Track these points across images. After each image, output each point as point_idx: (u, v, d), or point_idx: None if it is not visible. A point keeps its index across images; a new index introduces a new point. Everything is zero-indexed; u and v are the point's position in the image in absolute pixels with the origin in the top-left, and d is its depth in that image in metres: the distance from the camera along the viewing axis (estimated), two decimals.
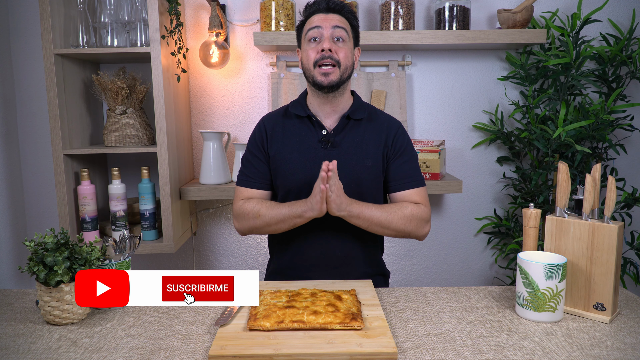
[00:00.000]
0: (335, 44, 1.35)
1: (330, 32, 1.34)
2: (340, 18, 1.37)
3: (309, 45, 1.36)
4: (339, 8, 1.37)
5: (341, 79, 1.35)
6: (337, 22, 1.35)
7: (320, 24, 1.35)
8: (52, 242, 1.10)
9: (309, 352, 0.94)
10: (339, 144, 1.38)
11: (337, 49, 1.34)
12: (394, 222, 1.34)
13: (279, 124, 1.44)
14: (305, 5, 1.41)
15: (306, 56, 1.37)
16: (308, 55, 1.36)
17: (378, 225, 1.34)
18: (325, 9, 1.37)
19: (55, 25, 1.82)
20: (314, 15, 1.38)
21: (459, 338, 1.04)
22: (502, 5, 2.17)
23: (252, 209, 1.38)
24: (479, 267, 2.36)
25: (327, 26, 1.34)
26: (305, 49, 1.38)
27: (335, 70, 1.34)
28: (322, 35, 1.35)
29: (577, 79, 1.98)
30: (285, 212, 1.33)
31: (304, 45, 1.39)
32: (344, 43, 1.36)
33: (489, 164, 2.28)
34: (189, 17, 2.15)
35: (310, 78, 1.37)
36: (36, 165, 2.21)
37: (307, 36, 1.37)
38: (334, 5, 1.37)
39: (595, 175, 1.16)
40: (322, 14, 1.37)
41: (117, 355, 0.98)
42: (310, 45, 1.36)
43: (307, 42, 1.37)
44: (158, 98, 1.85)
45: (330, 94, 1.38)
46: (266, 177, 1.44)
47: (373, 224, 1.33)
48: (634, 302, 1.23)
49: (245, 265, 2.33)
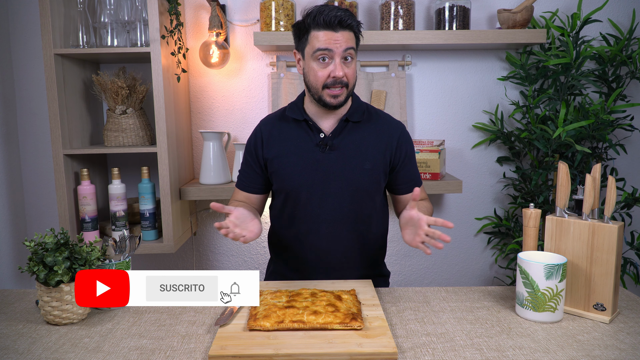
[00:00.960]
0: (344, 64, 1.29)
1: (341, 55, 1.28)
2: (350, 35, 1.29)
3: (317, 64, 1.29)
4: (350, 25, 1.28)
5: (347, 96, 1.34)
6: (347, 43, 1.27)
7: (331, 47, 1.26)
8: (52, 242, 1.10)
9: (309, 352, 0.94)
10: (337, 147, 1.37)
11: (347, 70, 1.29)
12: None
13: (276, 127, 1.43)
14: (312, 12, 1.29)
15: (314, 75, 1.30)
16: (316, 75, 1.29)
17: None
18: (337, 26, 1.26)
19: (55, 25, 1.82)
20: (323, 31, 1.27)
21: (459, 338, 1.04)
22: (502, 5, 2.17)
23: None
24: (479, 267, 2.36)
25: (339, 50, 1.27)
26: (313, 67, 1.30)
27: (344, 90, 1.31)
28: (333, 58, 1.28)
29: (577, 79, 1.98)
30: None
31: (311, 61, 1.30)
32: (352, 60, 1.31)
33: (489, 164, 2.28)
34: (189, 17, 2.15)
35: (316, 96, 1.32)
36: (36, 165, 2.21)
37: (315, 54, 1.28)
38: (347, 24, 1.27)
39: (595, 175, 1.16)
40: (331, 32, 1.26)
41: (117, 355, 0.98)
42: (318, 65, 1.29)
43: (315, 59, 1.29)
44: (158, 98, 1.85)
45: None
46: (258, 183, 1.46)
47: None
48: (634, 302, 1.23)
49: (245, 265, 2.33)
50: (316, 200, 1.38)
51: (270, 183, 1.46)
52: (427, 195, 1.51)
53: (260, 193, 1.47)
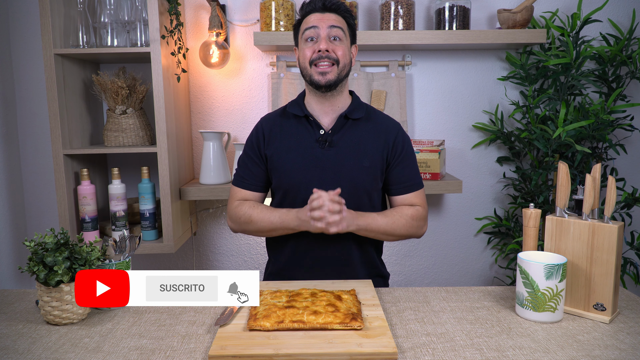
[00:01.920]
0: (332, 43, 1.35)
1: (327, 31, 1.34)
2: (337, 17, 1.37)
3: (306, 45, 1.37)
4: (335, 7, 1.37)
5: (339, 77, 1.36)
6: (333, 22, 1.35)
7: (316, 24, 1.35)
8: (52, 242, 1.09)
9: (309, 352, 0.94)
10: (337, 144, 1.38)
11: (334, 47, 1.35)
12: (397, 229, 1.37)
13: (277, 124, 1.44)
14: (302, 4, 1.41)
15: (303, 55, 1.37)
16: (305, 54, 1.36)
17: (384, 233, 1.37)
18: (322, 8, 1.37)
19: (55, 25, 1.82)
20: (311, 15, 1.37)
21: (459, 338, 1.04)
22: (502, 5, 2.17)
23: (244, 214, 1.40)
24: (479, 267, 2.36)
25: (324, 26, 1.34)
26: (302, 48, 1.38)
27: (334, 68, 1.34)
28: (319, 35, 1.35)
29: (577, 79, 1.98)
30: (277, 223, 1.36)
31: (301, 44, 1.39)
32: (341, 42, 1.36)
33: (489, 164, 2.28)
34: (189, 17, 2.15)
35: (307, 77, 1.38)
36: (36, 165, 2.21)
37: (304, 35, 1.37)
38: (330, 5, 1.37)
39: (595, 175, 1.16)
40: (318, 13, 1.36)
41: (117, 355, 0.98)
42: (307, 45, 1.36)
43: (304, 41, 1.37)
44: (158, 98, 1.85)
45: (328, 93, 1.38)
46: (260, 180, 1.46)
47: (380, 233, 1.37)
48: (634, 302, 1.23)
49: (245, 265, 2.33)
50: None
51: (269, 181, 1.46)
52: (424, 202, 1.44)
53: (260, 191, 1.47)
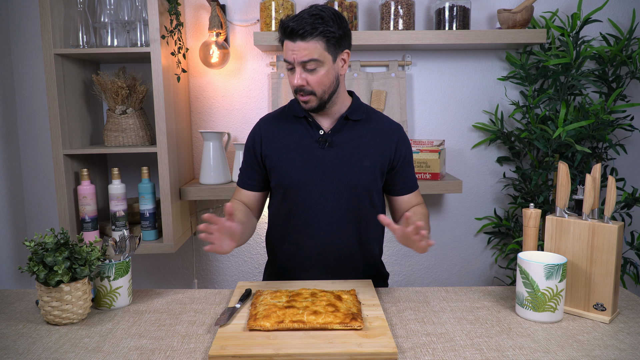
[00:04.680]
0: (307, 73, 1.29)
1: (300, 66, 1.29)
2: (309, 45, 1.26)
3: (288, 73, 1.34)
4: (307, 33, 1.25)
5: (321, 102, 1.33)
6: (304, 56, 1.26)
7: (289, 58, 1.29)
8: (52, 242, 1.10)
9: (309, 352, 0.94)
10: (337, 144, 1.38)
11: (309, 79, 1.29)
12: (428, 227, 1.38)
13: (276, 124, 1.44)
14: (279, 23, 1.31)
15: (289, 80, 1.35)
16: (290, 81, 1.34)
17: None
18: (292, 36, 1.27)
19: (55, 25, 1.82)
20: (286, 41, 1.29)
21: (459, 338, 1.04)
22: (502, 5, 2.17)
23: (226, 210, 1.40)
24: (479, 267, 2.36)
25: (296, 59, 1.28)
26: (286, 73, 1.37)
27: (312, 97, 1.32)
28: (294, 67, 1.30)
29: (577, 79, 1.98)
30: None
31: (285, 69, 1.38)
32: (316, 71, 1.29)
33: (489, 164, 2.28)
34: (189, 17, 2.15)
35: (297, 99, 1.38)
36: (36, 165, 2.21)
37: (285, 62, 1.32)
38: (302, 32, 1.25)
39: (595, 175, 1.16)
40: (290, 42, 1.28)
41: (117, 355, 0.98)
42: (289, 73, 1.34)
43: (285, 68, 1.34)
44: (158, 98, 1.85)
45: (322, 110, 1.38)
46: (258, 181, 1.46)
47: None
48: (634, 302, 1.23)
49: (245, 265, 2.33)
50: (314, 197, 1.38)
51: (268, 181, 1.47)
52: (423, 199, 1.50)
53: (260, 191, 1.48)
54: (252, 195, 1.47)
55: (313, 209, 1.38)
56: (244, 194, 1.47)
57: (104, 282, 1.19)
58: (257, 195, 1.48)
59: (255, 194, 1.47)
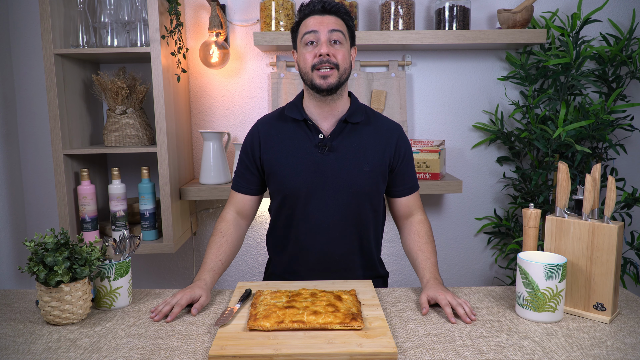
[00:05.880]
0: (332, 46, 1.32)
1: (327, 35, 1.31)
2: (337, 20, 1.33)
3: (306, 49, 1.33)
4: (335, 9, 1.34)
5: (340, 81, 1.33)
6: (333, 25, 1.32)
7: (316, 28, 1.31)
8: (52, 242, 1.09)
9: (309, 352, 0.94)
10: (336, 149, 1.36)
11: (334, 51, 1.32)
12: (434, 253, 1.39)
13: (274, 127, 1.42)
14: (300, 6, 1.37)
15: (303, 59, 1.34)
16: (305, 59, 1.33)
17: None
18: (321, 10, 1.33)
19: (55, 25, 1.82)
20: (310, 17, 1.34)
21: (459, 338, 1.04)
22: (502, 5, 2.17)
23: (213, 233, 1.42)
24: (479, 267, 2.36)
25: (324, 30, 1.31)
26: (302, 53, 1.34)
27: (334, 72, 1.32)
28: (319, 39, 1.32)
29: (577, 79, 1.98)
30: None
31: (301, 48, 1.35)
32: (341, 45, 1.33)
33: (489, 164, 2.28)
34: (189, 17, 2.15)
35: (308, 81, 1.34)
36: (36, 165, 2.21)
37: (304, 39, 1.33)
38: (330, 7, 1.33)
39: (595, 175, 1.16)
40: (317, 16, 1.33)
41: (117, 355, 0.98)
42: (307, 49, 1.33)
43: (304, 45, 1.34)
44: (158, 98, 1.85)
45: (329, 97, 1.36)
46: (254, 184, 1.45)
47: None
48: (634, 302, 1.23)
49: (245, 265, 2.33)
50: (315, 202, 1.37)
51: (264, 184, 1.46)
52: (420, 202, 1.48)
53: (256, 194, 1.47)
54: (247, 199, 1.45)
55: (313, 214, 1.38)
56: (239, 198, 1.45)
57: (104, 282, 1.19)
58: (253, 199, 1.46)
59: (251, 198, 1.46)
